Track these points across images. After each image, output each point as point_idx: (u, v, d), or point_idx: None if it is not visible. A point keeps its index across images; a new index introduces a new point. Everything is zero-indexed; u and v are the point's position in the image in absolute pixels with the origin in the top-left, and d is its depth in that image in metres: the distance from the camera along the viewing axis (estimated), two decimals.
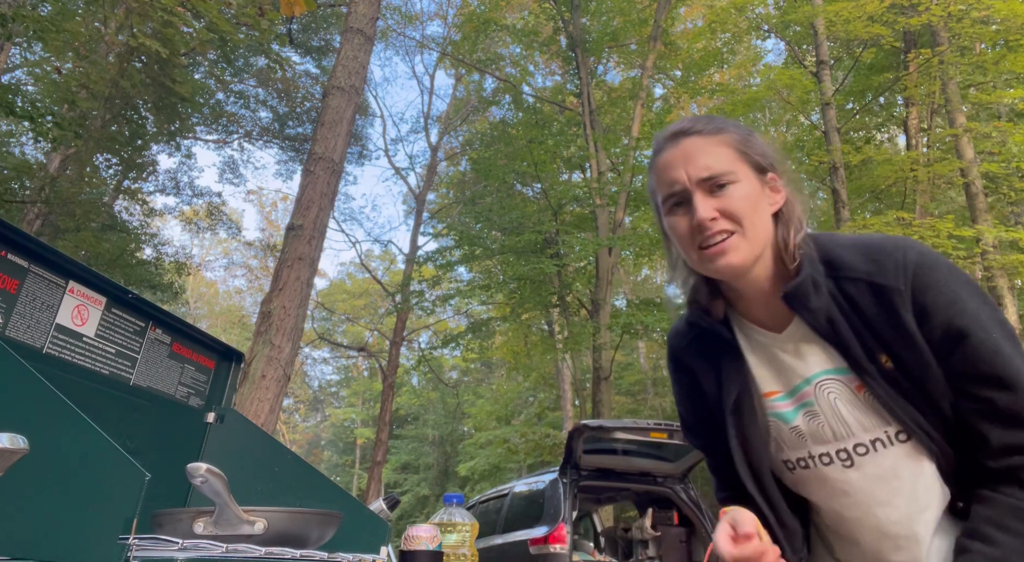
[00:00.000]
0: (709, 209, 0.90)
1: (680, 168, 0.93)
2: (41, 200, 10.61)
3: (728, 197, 0.91)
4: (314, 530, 1.09)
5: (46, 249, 1.16)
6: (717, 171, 0.91)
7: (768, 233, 0.94)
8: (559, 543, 4.71)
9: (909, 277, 0.88)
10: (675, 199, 0.94)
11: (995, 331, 0.86)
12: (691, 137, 0.94)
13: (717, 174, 0.91)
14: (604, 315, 11.24)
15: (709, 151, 0.92)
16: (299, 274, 5.67)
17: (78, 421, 0.82)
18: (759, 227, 0.92)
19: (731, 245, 0.90)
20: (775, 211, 0.95)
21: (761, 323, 1.00)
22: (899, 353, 0.89)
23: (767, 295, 0.97)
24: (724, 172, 0.91)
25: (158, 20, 8.91)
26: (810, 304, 0.92)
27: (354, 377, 33.96)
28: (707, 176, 0.91)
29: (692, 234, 0.92)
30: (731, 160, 0.92)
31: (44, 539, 0.79)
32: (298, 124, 17.00)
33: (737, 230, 0.91)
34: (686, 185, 0.92)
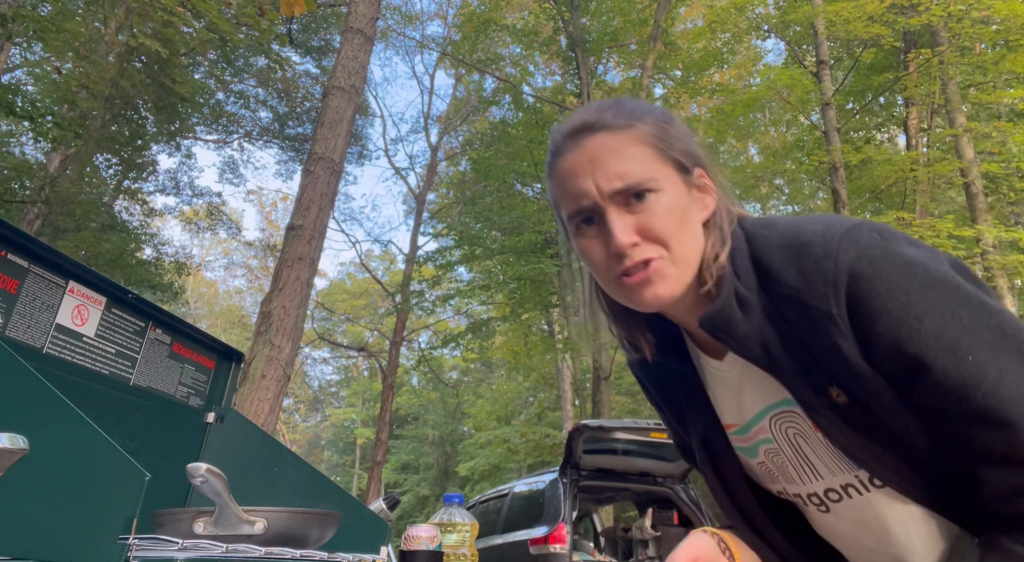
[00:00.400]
0: (628, 231, 0.71)
1: (587, 177, 0.73)
2: (41, 200, 10.61)
3: (649, 212, 0.71)
4: (314, 530, 1.09)
5: (46, 249, 1.16)
6: (634, 180, 0.71)
7: (699, 249, 0.74)
8: (559, 543, 4.72)
9: (842, 295, 0.66)
10: (583, 216, 0.74)
11: (971, 349, 0.63)
12: (597, 135, 0.73)
13: (634, 184, 0.71)
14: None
15: (621, 153, 0.72)
16: (299, 274, 5.68)
17: (78, 421, 0.82)
18: (689, 245, 0.73)
19: (656, 273, 0.72)
20: (705, 219, 0.76)
21: (705, 349, 0.83)
22: (849, 386, 0.68)
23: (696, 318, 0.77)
24: (642, 180, 0.72)
25: (158, 20, 8.91)
26: (736, 332, 0.72)
27: (354, 377, 33.97)
28: (621, 188, 0.72)
29: (608, 261, 0.73)
30: (650, 161, 0.73)
31: (44, 539, 0.79)
32: (298, 124, 17.02)
33: (663, 254, 0.72)
34: (596, 200, 0.72)
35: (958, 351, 0.63)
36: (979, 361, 0.62)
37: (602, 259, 0.74)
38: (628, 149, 0.73)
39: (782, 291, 0.70)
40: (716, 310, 0.73)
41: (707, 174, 0.77)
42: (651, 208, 0.72)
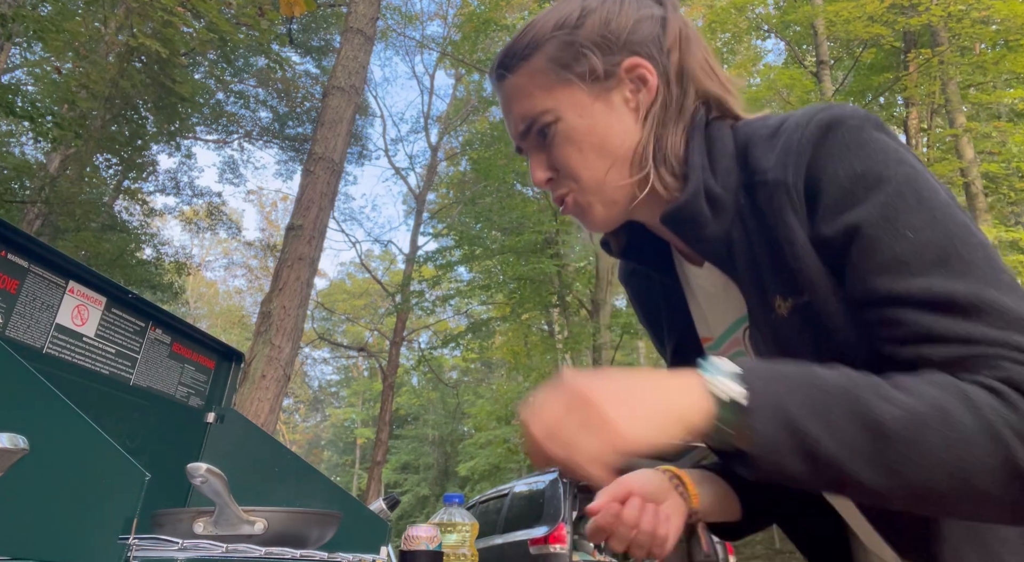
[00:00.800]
0: (540, 169, 0.71)
1: (508, 123, 0.74)
2: (41, 200, 10.61)
3: (553, 146, 0.70)
4: (314, 530, 1.09)
5: (46, 249, 1.16)
6: (527, 121, 0.70)
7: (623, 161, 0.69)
8: (559, 543, 4.72)
9: (802, 165, 0.61)
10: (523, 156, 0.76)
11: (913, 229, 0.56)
12: (506, 80, 0.72)
13: (530, 122, 0.70)
14: (604, 315, 11.25)
15: (522, 93, 0.70)
16: (299, 274, 5.68)
17: (78, 421, 0.82)
18: (600, 168, 0.69)
19: (575, 206, 0.72)
20: (644, 113, 0.69)
21: (686, 256, 0.78)
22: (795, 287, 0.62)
23: None
24: (537, 115, 0.69)
25: (158, 20, 8.91)
26: (701, 232, 0.67)
27: (354, 377, 33.98)
28: (523, 130, 0.71)
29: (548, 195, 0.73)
30: (548, 90, 0.69)
31: (44, 539, 0.79)
32: (298, 124, 17.03)
33: (573, 187, 0.70)
34: (517, 144, 0.74)
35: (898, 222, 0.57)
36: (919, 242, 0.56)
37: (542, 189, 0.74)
38: (527, 85, 0.70)
39: (755, 180, 0.64)
40: (677, 206, 0.67)
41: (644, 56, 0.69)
42: (554, 142, 0.69)
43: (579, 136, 0.68)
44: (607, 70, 0.69)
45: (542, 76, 0.69)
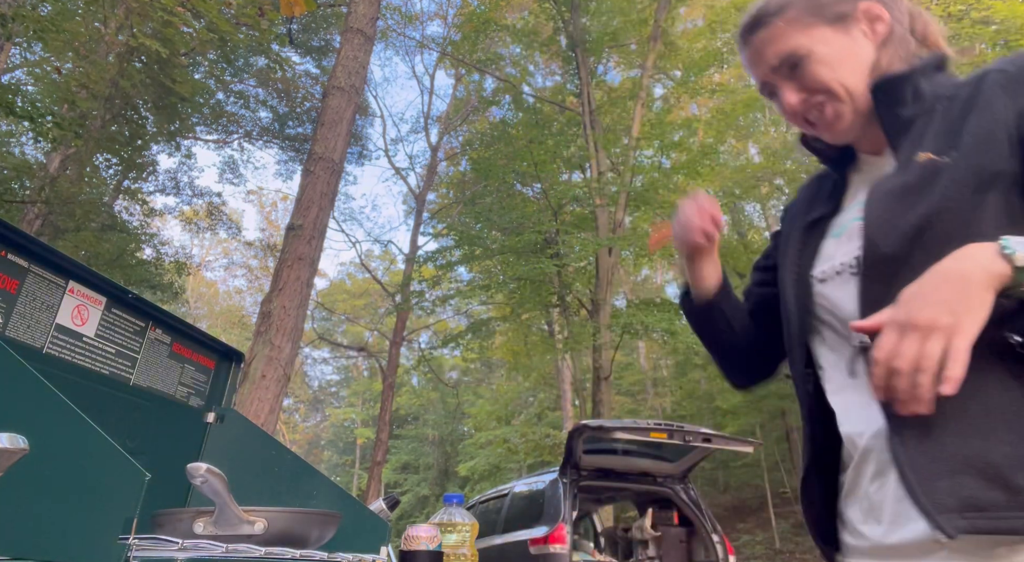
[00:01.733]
0: (793, 94, 0.92)
1: (756, 66, 0.96)
2: (41, 200, 10.61)
3: (805, 72, 0.91)
4: (314, 530, 1.09)
5: (46, 249, 1.16)
6: (783, 55, 0.92)
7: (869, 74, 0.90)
8: (559, 543, 4.72)
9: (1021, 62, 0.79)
10: (766, 90, 0.97)
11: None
12: (757, 34, 0.95)
13: (784, 58, 0.92)
14: (604, 315, 11.25)
15: (773, 39, 0.93)
16: (299, 274, 5.68)
17: (78, 421, 0.82)
18: (852, 81, 0.89)
19: (830, 114, 0.91)
20: (880, 40, 0.91)
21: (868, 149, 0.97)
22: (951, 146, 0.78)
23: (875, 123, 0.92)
24: (790, 53, 0.91)
25: (158, 20, 8.91)
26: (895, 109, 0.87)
27: (354, 377, 33.98)
28: (777, 64, 0.93)
29: (792, 117, 0.95)
30: (798, 33, 0.91)
31: (44, 539, 0.79)
32: (298, 124, 17.02)
33: (828, 98, 0.90)
34: (767, 79, 0.96)
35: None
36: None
37: (788, 115, 0.95)
38: (779, 34, 0.92)
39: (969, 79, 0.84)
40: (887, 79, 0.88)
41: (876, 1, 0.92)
42: (806, 69, 0.90)
43: (832, 59, 0.90)
44: (845, 12, 0.91)
45: (794, 23, 0.92)
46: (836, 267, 0.88)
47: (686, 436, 4.76)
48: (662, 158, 13.40)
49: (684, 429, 4.80)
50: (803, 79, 0.91)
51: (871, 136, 0.92)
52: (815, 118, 0.92)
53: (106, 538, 0.79)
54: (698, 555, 5.36)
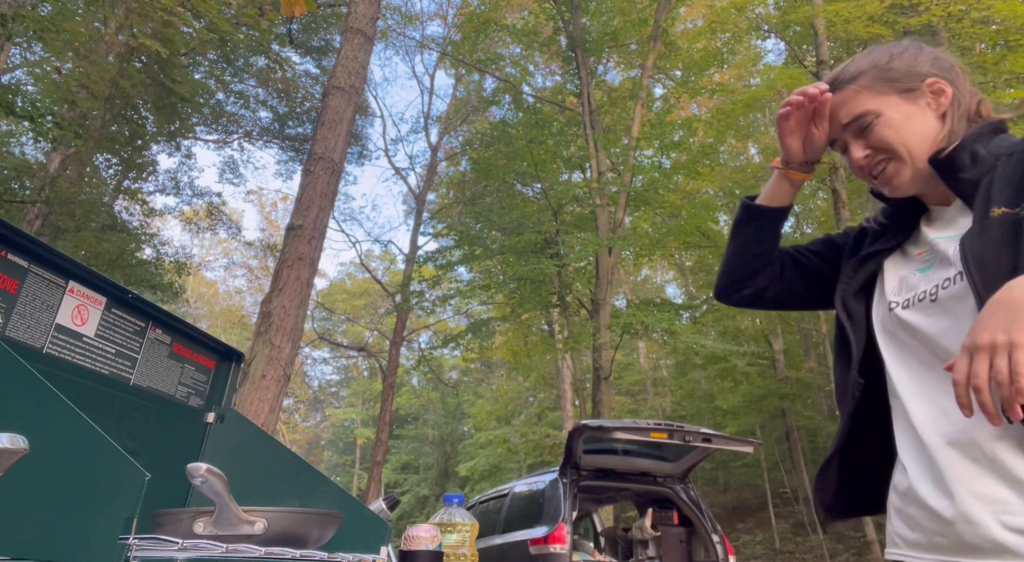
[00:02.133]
0: (860, 150, 1.05)
1: (831, 124, 1.09)
2: (41, 200, 10.61)
3: (873, 132, 1.03)
4: (314, 530, 1.09)
5: (46, 249, 1.16)
6: (854, 115, 1.04)
7: (931, 139, 1.02)
8: (559, 543, 4.71)
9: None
10: (839, 146, 1.10)
11: None
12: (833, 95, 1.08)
13: (854, 118, 1.04)
14: (604, 315, 11.24)
15: (847, 102, 1.06)
16: (299, 274, 5.68)
17: (78, 421, 0.82)
18: (914, 143, 1.01)
19: (891, 172, 1.03)
20: (943, 112, 1.03)
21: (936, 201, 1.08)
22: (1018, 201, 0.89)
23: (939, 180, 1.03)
24: (861, 115, 1.04)
25: (158, 20, 8.91)
26: (959, 174, 0.98)
27: (354, 377, 33.98)
28: (847, 122, 1.06)
29: (858, 170, 1.07)
30: (869, 99, 1.04)
31: (44, 539, 0.79)
32: (298, 124, 17.01)
33: (891, 156, 1.03)
34: (838, 136, 1.09)
35: None
36: None
37: (855, 169, 1.08)
38: (851, 98, 1.05)
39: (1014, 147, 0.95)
40: (947, 153, 0.99)
41: (942, 78, 1.04)
42: (874, 131, 1.03)
43: (898, 124, 1.02)
44: (914, 86, 1.04)
45: (865, 90, 1.05)
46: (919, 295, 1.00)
47: (686, 436, 4.76)
48: (662, 158, 13.39)
49: (684, 429, 4.80)
50: (870, 138, 1.04)
51: (935, 191, 1.05)
52: (877, 174, 1.05)
53: (106, 538, 0.79)
54: (698, 555, 5.35)
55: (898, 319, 1.01)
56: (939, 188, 1.04)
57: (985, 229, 0.90)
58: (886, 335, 1.04)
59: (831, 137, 1.11)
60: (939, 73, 1.05)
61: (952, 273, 0.94)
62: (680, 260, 20.71)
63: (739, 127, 15.29)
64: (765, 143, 16.98)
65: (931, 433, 0.93)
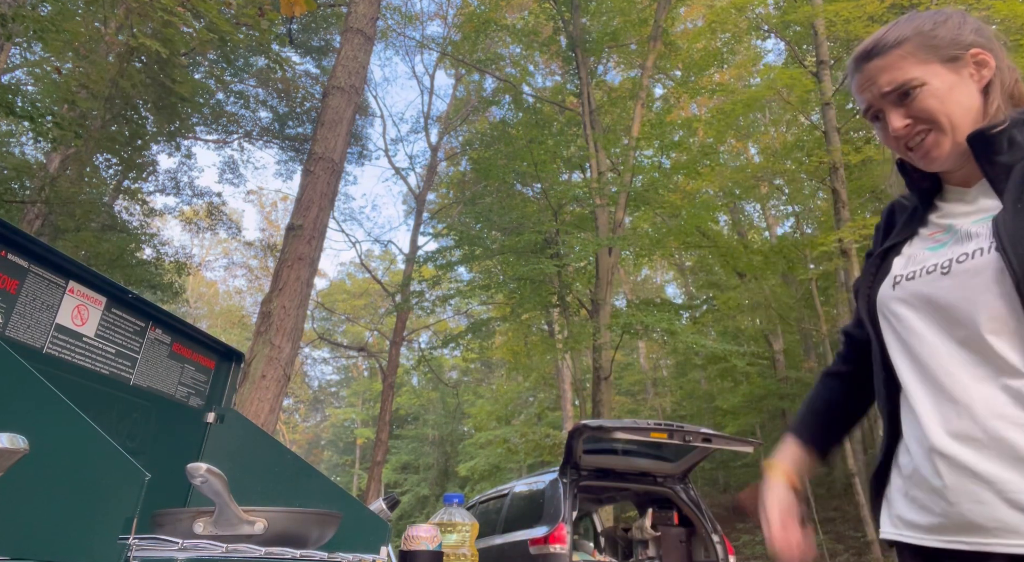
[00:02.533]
0: (899, 119, 1.00)
1: (866, 91, 1.03)
2: (41, 200, 10.61)
3: (916, 101, 0.98)
4: (314, 530, 1.09)
5: (46, 249, 1.16)
6: (898, 83, 0.99)
7: (973, 112, 0.98)
8: (559, 543, 4.71)
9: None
10: (871, 114, 1.05)
11: None
12: (872, 62, 1.02)
13: (898, 86, 0.99)
14: (604, 315, 11.24)
15: (889, 68, 1.00)
16: (299, 274, 5.68)
17: (78, 421, 0.82)
18: (957, 114, 0.97)
19: (930, 143, 0.99)
20: (985, 84, 0.99)
21: (954, 181, 1.06)
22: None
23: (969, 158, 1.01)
24: (905, 82, 0.99)
25: (158, 20, 8.91)
26: (995, 157, 0.95)
27: (354, 377, 33.98)
28: (889, 90, 1.00)
29: (895, 141, 1.02)
30: (913, 66, 0.99)
31: (44, 539, 0.79)
32: (298, 124, 17.01)
33: (933, 127, 0.98)
34: (874, 103, 1.03)
35: None
36: None
37: (890, 140, 1.03)
38: (895, 64, 1.00)
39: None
40: (985, 132, 0.96)
41: (984, 51, 1.00)
42: (917, 99, 0.98)
43: (941, 93, 0.98)
44: (957, 55, 1.00)
45: (910, 56, 1.00)
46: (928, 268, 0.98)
47: (686, 436, 4.76)
48: (662, 158, 13.40)
49: (684, 429, 4.80)
50: (912, 107, 0.99)
51: (964, 170, 1.02)
52: (915, 144, 1.00)
53: (106, 538, 0.79)
54: (698, 555, 5.35)
55: (903, 291, 1.00)
56: (966, 167, 1.01)
57: (1020, 212, 0.88)
58: (887, 314, 1.03)
59: (866, 103, 1.05)
60: (984, 43, 1.01)
61: (971, 248, 0.92)
62: (680, 260, 20.71)
63: (739, 127, 15.29)
64: (765, 143, 16.98)
65: (933, 413, 0.92)
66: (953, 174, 1.05)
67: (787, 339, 17.45)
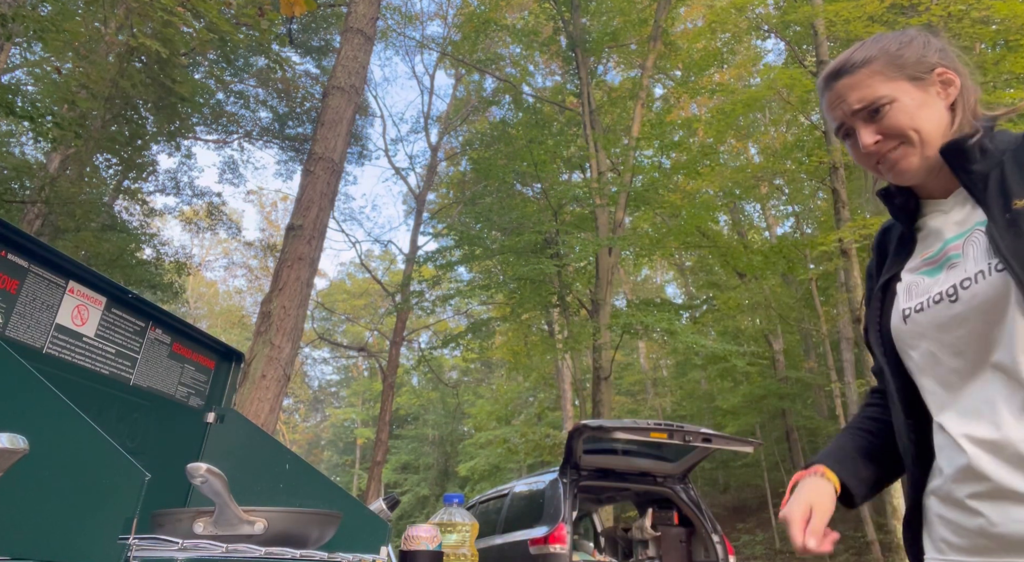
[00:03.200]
0: (870, 135, 1.01)
1: (837, 109, 1.05)
2: (41, 200, 10.61)
3: (886, 118, 1.01)
4: (314, 530, 1.09)
5: (46, 249, 1.16)
6: (868, 101, 1.01)
7: (941, 128, 1.01)
8: (559, 543, 4.72)
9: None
10: (843, 132, 1.07)
11: None
12: (841, 80, 1.05)
13: (868, 104, 1.01)
14: (604, 315, 11.24)
15: (858, 86, 1.03)
16: (299, 274, 5.68)
17: (78, 421, 0.82)
18: (926, 130, 1.00)
19: (899, 155, 1.01)
20: (951, 102, 1.03)
21: (932, 194, 1.08)
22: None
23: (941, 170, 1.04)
24: (875, 99, 1.01)
25: (158, 20, 8.91)
26: (970, 166, 0.98)
27: (354, 377, 33.98)
28: (860, 108, 1.02)
29: (866, 157, 1.04)
30: (882, 84, 1.02)
31: (44, 539, 0.79)
32: (298, 124, 17.01)
33: (903, 142, 1.01)
34: (845, 121, 1.05)
35: None
36: None
37: (860, 157, 1.05)
38: (864, 82, 1.03)
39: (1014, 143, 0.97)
40: (957, 141, 0.99)
41: (949, 69, 1.03)
42: (887, 115, 1.01)
43: (911, 110, 1.00)
44: (923, 74, 1.03)
45: (878, 75, 1.02)
46: (935, 297, 0.98)
47: (686, 436, 4.76)
48: (662, 158, 13.40)
49: (684, 429, 4.80)
50: (882, 124, 1.01)
51: (937, 182, 1.05)
52: (884, 159, 1.03)
53: (106, 538, 0.79)
54: (698, 555, 5.35)
55: (917, 326, 1.00)
56: (940, 179, 1.04)
57: (1012, 223, 0.90)
58: (906, 349, 1.03)
59: (838, 122, 1.08)
60: (947, 63, 1.04)
61: (971, 270, 0.93)
62: (680, 260, 20.71)
63: (739, 127, 15.29)
64: (765, 143, 16.98)
65: (964, 436, 0.93)
66: (926, 188, 1.07)
67: (787, 339, 17.46)
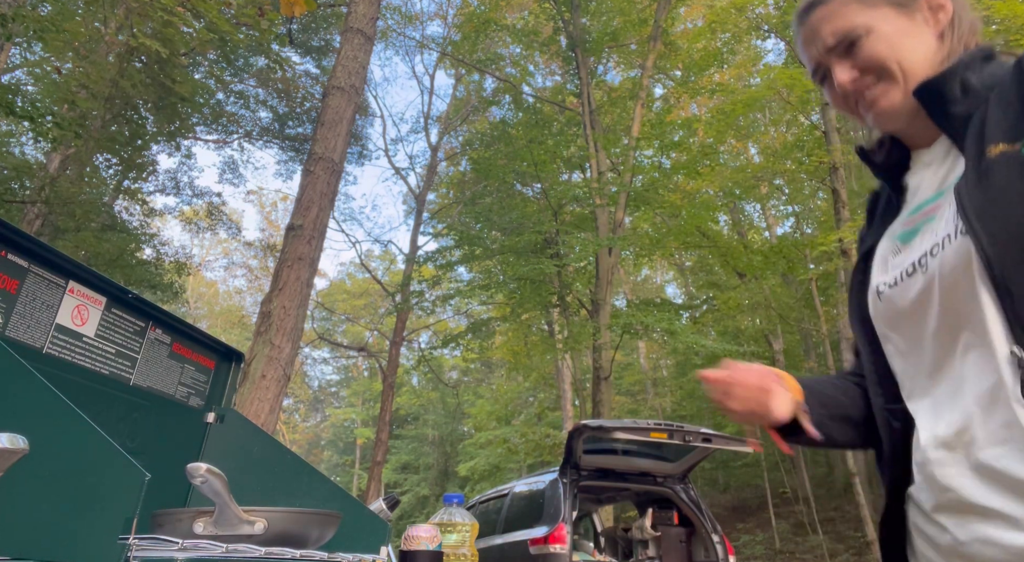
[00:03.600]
0: (845, 72, 0.89)
1: (811, 46, 0.93)
2: (41, 200, 10.61)
3: (862, 50, 0.88)
4: (314, 530, 1.09)
5: (46, 249, 1.16)
6: (842, 32, 0.89)
7: (929, 60, 0.87)
8: (559, 543, 4.72)
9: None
10: (820, 75, 0.94)
11: None
12: (815, 10, 0.93)
13: (842, 36, 0.89)
14: (604, 315, 11.24)
15: (832, 16, 0.90)
16: (299, 274, 5.68)
17: (78, 421, 0.82)
18: (909, 61, 0.86)
19: (879, 92, 0.88)
20: (941, 30, 0.89)
21: (918, 143, 0.94)
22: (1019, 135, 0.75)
23: None
24: (850, 29, 0.88)
25: (158, 20, 8.91)
26: (949, 108, 0.83)
27: (354, 377, 33.98)
28: (834, 43, 0.90)
29: (845, 100, 0.92)
30: (858, 12, 0.89)
31: (44, 539, 0.79)
32: (298, 124, 17.01)
33: (882, 78, 0.88)
34: (820, 60, 0.93)
35: None
36: None
37: (840, 101, 0.92)
38: (839, 11, 0.90)
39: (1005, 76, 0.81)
40: (930, 81, 0.85)
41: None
42: (864, 47, 0.88)
43: (891, 39, 0.87)
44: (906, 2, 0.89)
45: (856, 3, 0.90)
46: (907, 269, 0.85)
47: (686, 436, 4.76)
48: (662, 158, 13.40)
49: (684, 429, 4.80)
50: (858, 57, 0.88)
51: (921, 127, 0.89)
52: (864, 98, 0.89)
53: (106, 538, 0.79)
54: (698, 555, 5.36)
55: (890, 304, 0.87)
56: (926, 125, 0.88)
57: (983, 174, 0.76)
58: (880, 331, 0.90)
59: (813, 62, 0.94)
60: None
61: (941, 234, 0.80)
62: (680, 260, 20.70)
63: (739, 127, 15.28)
64: (765, 143, 16.98)
65: (930, 436, 0.81)
66: (912, 136, 0.93)
67: (787, 339, 17.45)
